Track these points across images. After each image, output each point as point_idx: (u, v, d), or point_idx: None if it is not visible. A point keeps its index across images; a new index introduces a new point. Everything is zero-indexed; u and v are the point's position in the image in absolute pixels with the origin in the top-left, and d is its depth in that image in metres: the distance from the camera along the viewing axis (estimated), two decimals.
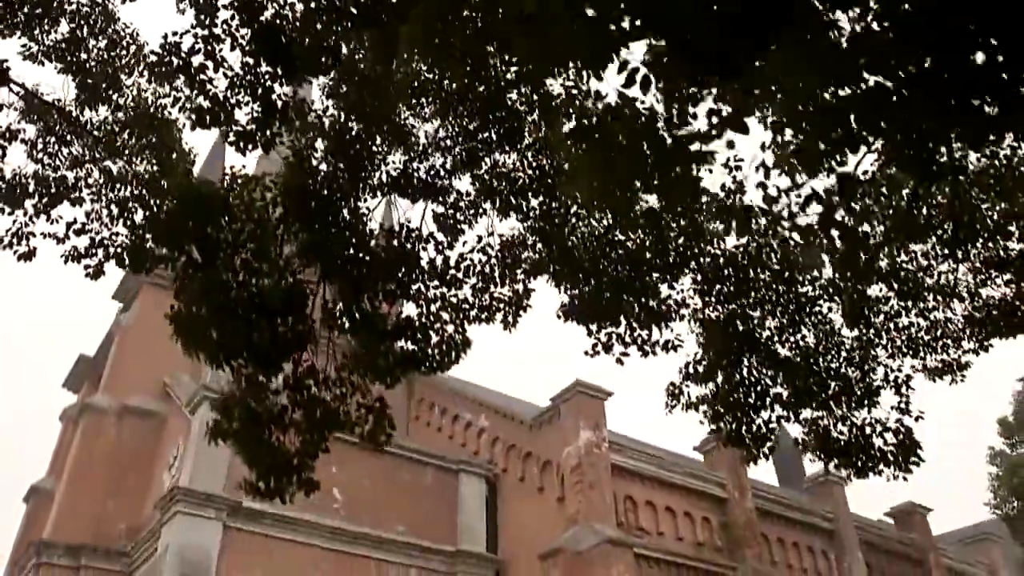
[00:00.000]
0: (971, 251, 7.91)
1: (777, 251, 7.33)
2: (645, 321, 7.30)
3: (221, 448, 20.35)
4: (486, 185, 7.45)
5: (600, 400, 23.42)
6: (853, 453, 7.59)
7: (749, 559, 23.80)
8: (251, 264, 6.41)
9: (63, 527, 22.74)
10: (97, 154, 7.04)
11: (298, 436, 6.71)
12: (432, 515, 23.27)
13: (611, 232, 7.42)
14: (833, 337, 7.70)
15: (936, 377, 8.11)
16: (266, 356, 6.32)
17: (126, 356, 26.15)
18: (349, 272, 6.63)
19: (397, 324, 6.90)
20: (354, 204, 6.91)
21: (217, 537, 19.37)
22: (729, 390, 7.39)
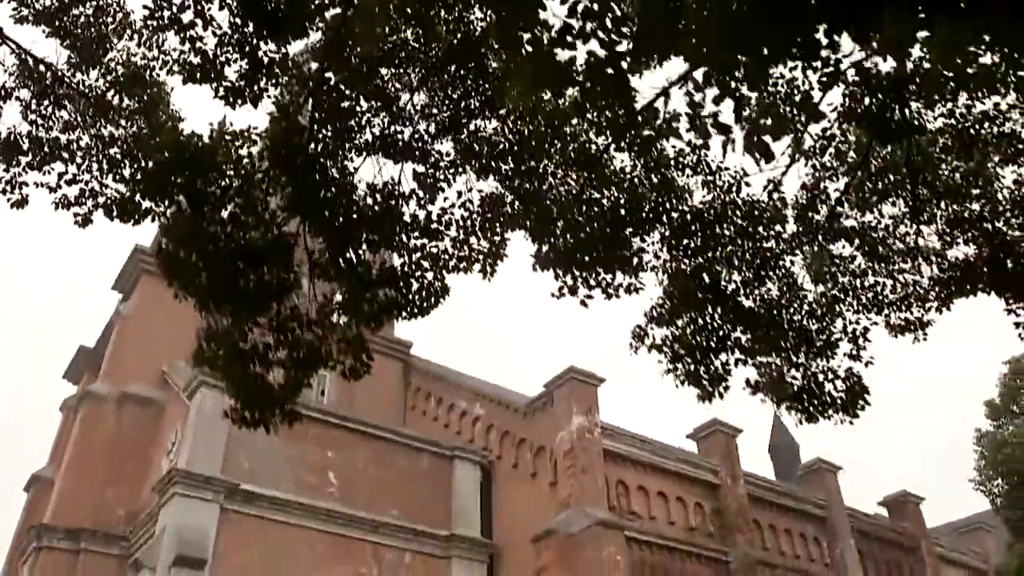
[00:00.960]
0: (937, 213, 8.21)
1: (743, 207, 7.66)
2: (622, 280, 7.62)
3: (219, 432, 20.86)
4: (467, 148, 7.76)
5: (593, 386, 23.71)
6: (805, 398, 7.90)
7: (741, 544, 24.08)
8: (238, 217, 6.74)
9: (63, 511, 23.03)
10: (88, 118, 7.34)
11: (282, 373, 6.99)
12: (427, 500, 23.55)
13: (586, 191, 7.73)
14: (797, 291, 8.00)
15: (899, 334, 8.39)
16: (251, 301, 6.66)
17: (125, 344, 26.45)
18: (334, 225, 6.95)
19: (381, 273, 7.23)
20: (340, 163, 7.23)
21: (214, 519, 19.65)
22: (690, 333, 7.71)
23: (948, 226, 7.94)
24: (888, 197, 7.76)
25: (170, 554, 18.48)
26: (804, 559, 26.46)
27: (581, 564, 20.27)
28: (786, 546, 26.29)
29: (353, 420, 23.87)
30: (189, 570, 18.51)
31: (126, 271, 28.65)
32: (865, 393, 7.95)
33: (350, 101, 7.16)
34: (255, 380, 6.88)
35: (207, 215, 6.60)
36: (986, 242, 7.82)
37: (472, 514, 23.99)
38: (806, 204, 7.63)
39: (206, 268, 6.55)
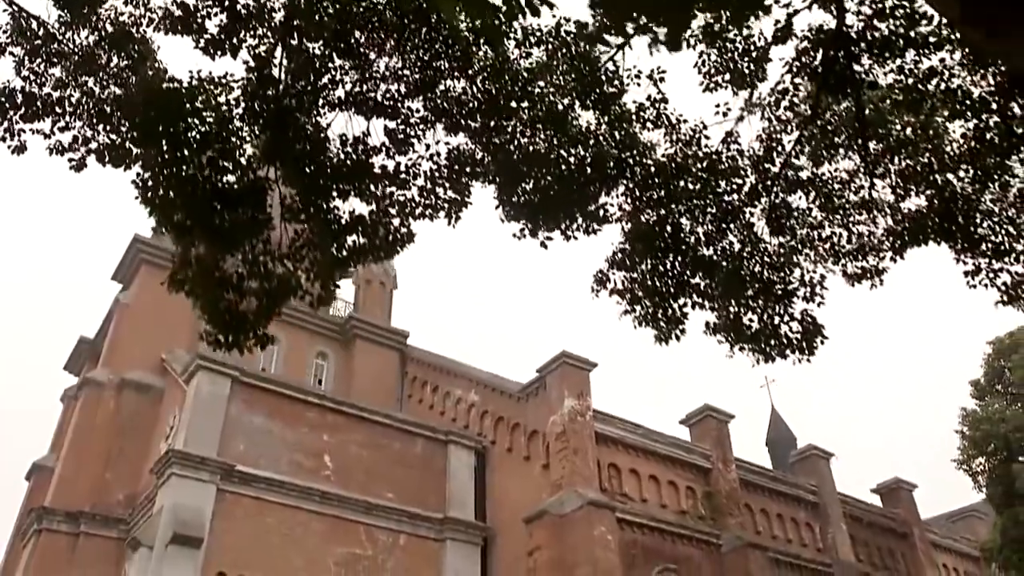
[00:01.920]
0: (891, 168, 8.52)
1: (703, 159, 7.97)
2: (582, 223, 7.95)
3: (216, 415, 21.22)
4: (437, 107, 8.09)
5: (585, 371, 24.02)
6: (762, 340, 8.20)
7: (732, 527, 24.36)
8: (216, 161, 7.10)
9: (63, 494, 23.39)
10: (79, 78, 7.69)
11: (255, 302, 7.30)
12: (421, 484, 23.88)
13: (553, 149, 8.05)
14: (757, 243, 8.29)
15: (855, 282, 8.68)
16: (226, 237, 7.00)
17: (125, 332, 26.83)
18: (306, 173, 7.31)
19: (350, 220, 7.58)
20: (312, 115, 7.57)
21: (211, 498, 19.98)
22: (650, 279, 8.02)
23: (901, 180, 8.25)
24: (840, 150, 8.07)
25: (167, 532, 18.82)
26: (796, 543, 26.73)
27: (572, 543, 20.57)
28: (778, 530, 26.55)
29: (348, 404, 24.22)
30: (185, 548, 18.84)
31: (125, 261, 29.04)
32: (820, 333, 8.27)
33: (322, 59, 7.51)
34: (229, 306, 7.20)
35: (187, 158, 6.96)
36: (937, 195, 8.12)
37: (466, 497, 24.32)
38: (762, 155, 7.95)
39: (184, 207, 6.91)
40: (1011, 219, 8.20)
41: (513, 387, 25.55)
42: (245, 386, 22.15)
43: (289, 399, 22.86)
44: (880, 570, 28.28)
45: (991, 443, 17.46)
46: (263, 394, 22.50)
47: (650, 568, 22.18)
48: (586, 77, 7.64)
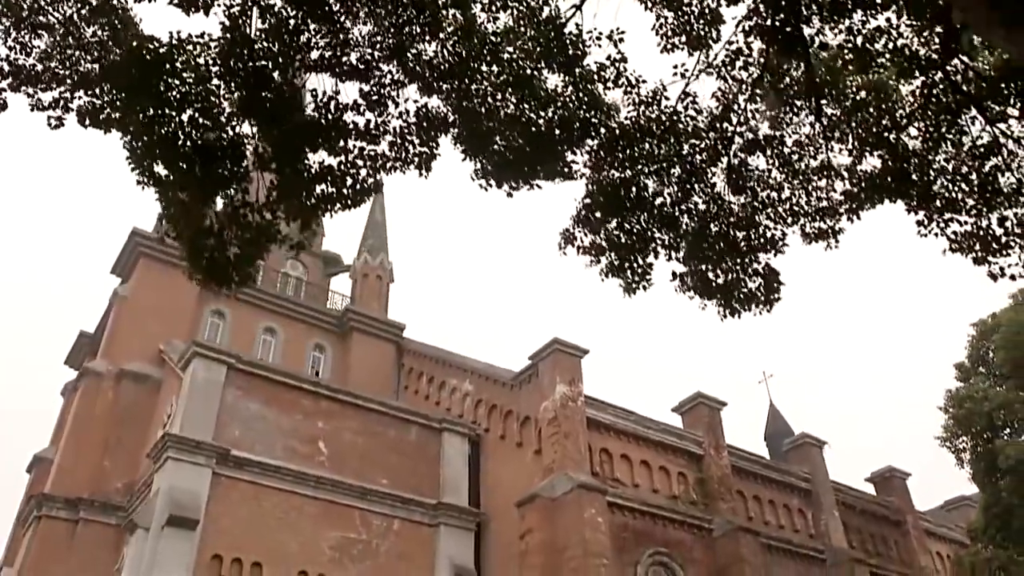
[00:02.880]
0: (849, 132, 8.81)
1: (664, 120, 8.28)
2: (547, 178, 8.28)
3: (211, 401, 21.55)
4: (410, 70, 8.42)
5: (577, 357, 24.31)
6: (728, 293, 8.49)
7: (723, 512, 24.61)
8: (196, 120, 7.44)
9: (62, 482, 23.74)
10: (65, 50, 8.02)
11: (237, 249, 7.61)
12: (416, 470, 24.18)
13: (522, 112, 8.36)
14: (722, 204, 8.59)
15: (813, 241, 8.98)
16: (206, 189, 7.34)
17: (123, 324, 27.21)
18: (281, 130, 7.64)
19: (319, 170, 7.93)
20: (287, 76, 7.91)
21: (206, 482, 20.30)
22: (616, 235, 8.32)
23: (857, 142, 8.53)
24: (796, 111, 8.37)
25: (163, 514, 19.14)
26: (789, 529, 26.95)
27: (563, 525, 20.86)
28: (770, 516, 26.78)
29: (343, 392, 24.55)
30: (181, 530, 19.15)
31: (124, 254, 29.42)
32: (778, 283, 8.57)
33: (295, 23, 7.84)
34: (213, 251, 7.52)
35: (169, 116, 7.30)
36: (891, 155, 8.40)
37: (460, 483, 24.61)
38: (719, 115, 8.26)
39: (166, 161, 7.24)
40: (964, 176, 8.50)
41: (506, 375, 25.85)
42: (240, 373, 22.49)
43: (284, 386, 23.19)
44: (873, 557, 28.46)
45: (974, 421, 17.71)
46: (258, 381, 22.83)
47: (641, 551, 22.43)
48: (551, 40, 7.97)
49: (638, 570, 22.00)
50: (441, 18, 8.19)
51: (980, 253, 8.20)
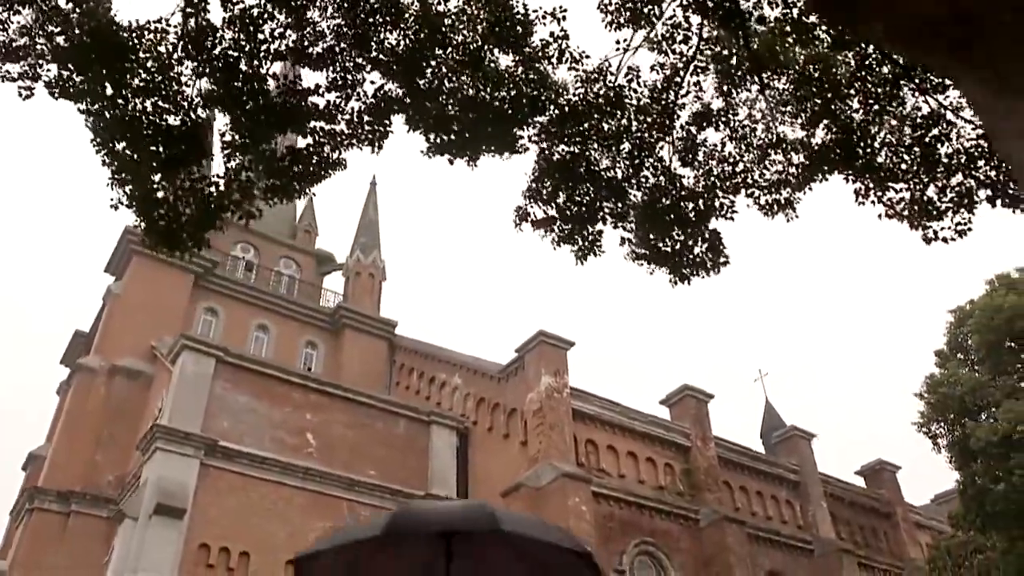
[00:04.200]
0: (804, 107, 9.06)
1: (611, 96, 8.54)
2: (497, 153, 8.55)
3: (200, 393, 21.78)
4: (373, 59, 8.72)
5: (562, 349, 24.56)
6: (677, 260, 8.72)
7: (710, 502, 24.81)
8: (160, 105, 7.72)
9: (55, 475, 24.03)
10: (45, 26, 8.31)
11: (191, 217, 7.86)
12: (404, 463, 24.43)
13: (476, 92, 8.64)
14: (672, 177, 8.83)
15: (770, 214, 9.21)
16: (167, 168, 7.61)
17: (116, 321, 27.52)
18: (248, 114, 7.92)
19: (286, 152, 8.23)
20: (252, 62, 8.18)
21: (194, 472, 20.57)
22: (568, 208, 8.56)
23: (807, 117, 8.77)
24: (739, 85, 8.62)
25: (151, 503, 19.40)
26: (776, 519, 27.12)
27: (547, 514, 21.00)
28: (758, 507, 26.96)
29: (332, 385, 24.82)
30: (169, 519, 19.41)
31: (117, 252, 29.75)
32: (722, 246, 8.80)
33: (259, 12, 8.13)
34: (169, 220, 7.76)
35: (130, 100, 7.58)
36: (837, 127, 8.64)
37: (448, 475, 24.85)
38: (662, 88, 8.51)
39: (128, 142, 7.51)
40: (907, 147, 8.74)
41: (494, 368, 26.10)
42: (229, 366, 22.77)
43: (273, 379, 23.46)
44: (862, 548, 28.63)
45: (948, 406, 17.89)
46: (247, 374, 23.11)
47: (627, 540, 22.63)
48: (500, 19, 8.24)
49: (624, 559, 22.20)
50: (403, 7, 8.49)
51: (916, 219, 8.45)
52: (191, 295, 29.73)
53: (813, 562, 26.46)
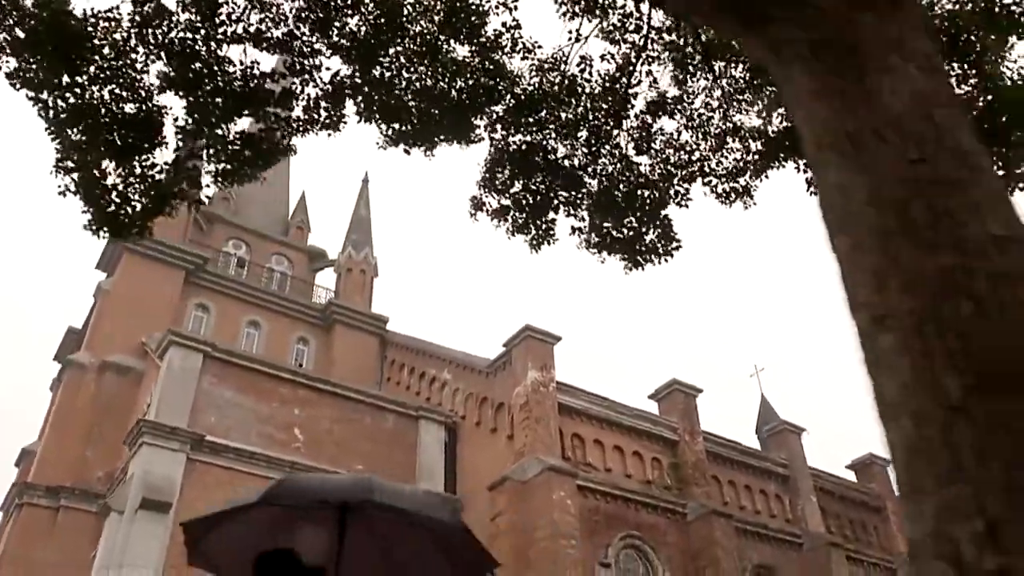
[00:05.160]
0: (757, 97, 9.12)
1: (565, 84, 8.61)
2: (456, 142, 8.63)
3: (187, 388, 21.86)
4: (334, 44, 8.80)
5: (549, 344, 24.64)
6: (631, 246, 8.78)
7: (698, 496, 24.87)
8: (116, 93, 7.81)
9: (44, 470, 24.16)
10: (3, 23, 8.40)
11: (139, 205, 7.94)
12: (392, 457, 24.50)
13: (435, 83, 8.71)
14: (629, 165, 8.89)
15: (727, 202, 9.26)
16: (120, 155, 7.69)
17: (106, 317, 27.64)
18: (205, 99, 8.00)
19: (239, 137, 8.29)
20: (210, 47, 8.27)
21: (180, 467, 20.67)
22: (522, 197, 8.63)
23: (764, 105, 8.85)
24: (693, 74, 8.68)
25: (137, 498, 19.50)
26: (765, 513, 27.18)
27: (533, 507, 21.17)
28: (746, 501, 27.02)
29: (319, 380, 24.92)
30: (155, 513, 19.50)
31: (108, 250, 29.84)
32: (673, 232, 8.87)
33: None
34: (115, 208, 7.83)
35: (86, 88, 7.67)
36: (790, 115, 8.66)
37: (436, 470, 24.94)
38: (615, 76, 8.58)
39: (85, 133, 7.59)
40: None
41: (482, 363, 26.19)
42: (217, 361, 22.86)
43: (261, 374, 23.55)
44: (851, 542, 28.67)
45: None
46: (235, 369, 23.20)
47: (613, 534, 22.71)
48: (455, 9, 8.32)
49: (609, 552, 22.30)
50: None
51: None
52: (182, 291, 29.83)
53: (802, 556, 26.52)
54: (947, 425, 1.67)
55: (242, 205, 35.80)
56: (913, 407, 1.75)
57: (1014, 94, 7.47)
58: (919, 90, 2.33)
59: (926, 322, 1.83)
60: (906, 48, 2.47)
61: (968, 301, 1.79)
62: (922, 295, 1.88)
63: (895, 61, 2.43)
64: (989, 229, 1.90)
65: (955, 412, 1.67)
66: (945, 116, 2.23)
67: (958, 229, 1.93)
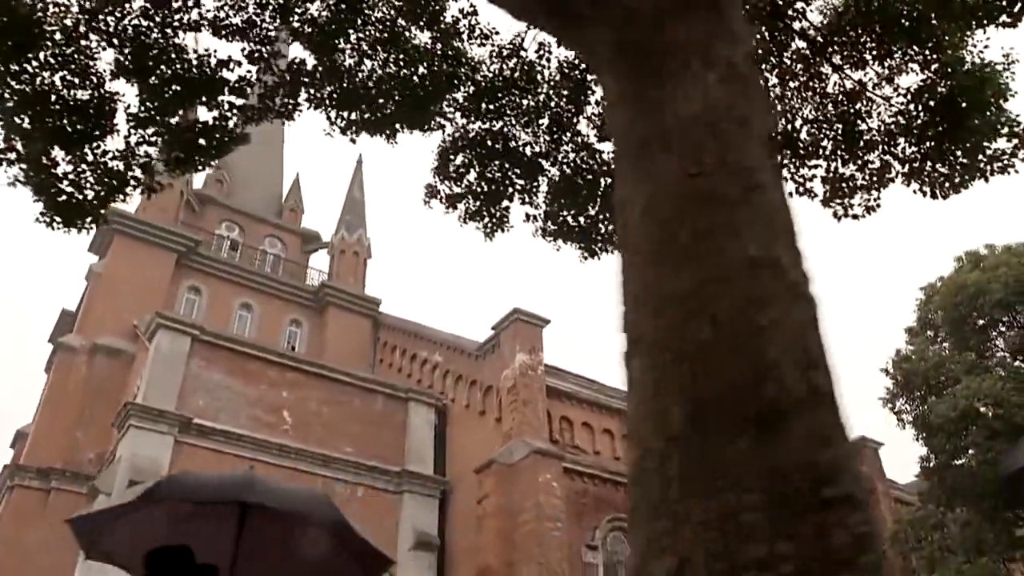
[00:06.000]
0: None
1: (524, 72, 8.54)
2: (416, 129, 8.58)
3: (175, 371, 21.91)
4: (294, 30, 8.74)
5: (537, 327, 24.62)
6: (588, 235, 8.76)
7: None
8: (67, 79, 7.77)
9: (36, 452, 24.31)
10: None
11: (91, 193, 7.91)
12: (381, 439, 24.59)
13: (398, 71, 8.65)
14: (592, 153, 8.85)
15: None
16: (71, 143, 7.66)
17: (97, 300, 27.69)
18: (159, 87, 7.96)
19: (193, 125, 8.25)
20: (168, 36, 8.21)
21: (168, 450, 20.77)
22: (477, 185, 8.59)
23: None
24: None
25: (124, 480, 19.62)
26: None
27: (518, 490, 21.24)
28: None
29: (308, 363, 24.97)
30: None
31: (100, 232, 29.79)
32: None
33: None
34: (67, 197, 7.80)
35: (37, 74, 7.63)
36: None
37: (425, 452, 25.04)
38: (572, 62, 8.49)
39: (34, 120, 7.56)
40: (830, 123, 8.73)
41: (472, 346, 26.21)
42: (205, 344, 22.91)
43: (249, 357, 23.60)
44: None
45: (912, 382, 17.92)
46: (223, 352, 23.25)
47: (601, 516, 22.78)
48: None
49: (596, 534, 22.39)
50: None
51: (827, 195, 8.46)
52: (174, 274, 29.85)
53: None
54: (664, 456, 1.63)
55: (235, 187, 35.75)
56: (642, 435, 1.71)
57: (972, 80, 7.39)
58: (713, 99, 2.24)
59: (668, 347, 1.78)
60: (711, 54, 2.37)
61: (708, 326, 1.73)
62: (670, 318, 1.82)
63: (696, 68, 2.33)
64: (746, 251, 1.83)
65: (673, 443, 1.63)
66: (733, 128, 2.15)
67: (715, 250, 1.85)
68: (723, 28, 2.48)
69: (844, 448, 1.72)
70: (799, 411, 1.62)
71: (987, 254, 18.38)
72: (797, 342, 1.72)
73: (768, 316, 1.71)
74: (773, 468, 1.53)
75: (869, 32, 8.11)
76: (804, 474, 1.54)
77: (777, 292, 1.76)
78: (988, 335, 18.06)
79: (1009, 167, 7.61)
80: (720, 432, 1.60)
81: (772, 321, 1.70)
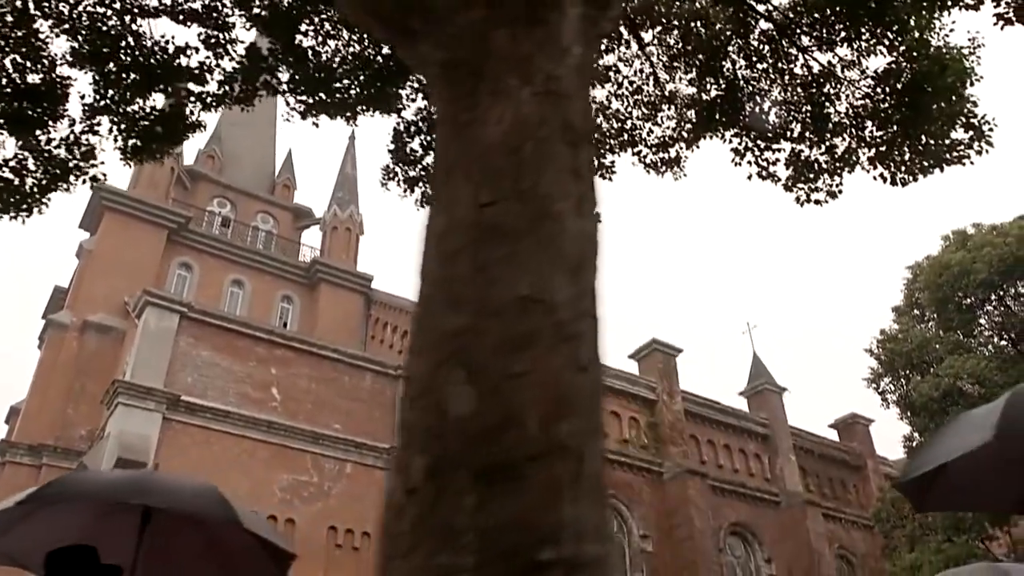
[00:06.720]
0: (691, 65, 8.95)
1: None
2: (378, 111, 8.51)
3: (163, 348, 21.90)
4: (253, 16, 8.63)
5: None
6: None
7: (675, 455, 25.09)
8: (18, 62, 7.70)
9: (27, 429, 24.44)
10: None
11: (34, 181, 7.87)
12: (370, 416, 24.67)
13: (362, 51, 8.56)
14: None
15: (656, 172, 9.15)
16: (21, 128, 7.61)
17: (88, 276, 27.69)
18: (115, 73, 7.88)
19: (150, 113, 8.18)
20: (125, 21, 8.11)
21: (156, 427, 20.86)
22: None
23: (697, 74, 8.68)
24: (618, 42, 8.50)
25: (112, 457, 19.71)
26: (744, 472, 27.40)
27: None
28: (724, 460, 27.23)
29: (297, 339, 24.99)
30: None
31: (90, 208, 29.77)
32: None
33: None
34: (8, 183, 7.76)
35: None
36: (725, 84, 8.54)
37: None
38: None
39: None
40: (798, 106, 8.64)
41: None
42: (194, 321, 22.92)
43: (238, 334, 23.61)
44: (830, 500, 28.96)
45: (896, 361, 17.93)
46: (212, 329, 23.26)
47: None
48: None
49: None
50: None
51: (790, 180, 8.39)
52: (165, 250, 29.83)
53: (779, 513, 26.81)
54: (400, 510, 1.58)
55: (227, 163, 35.59)
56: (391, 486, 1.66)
57: (935, 64, 7.29)
58: (522, 118, 2.14)
59: (425, 391, 1.73)
60: (530, 69, 2.26)
61: (461, 370, 1.66)
62: (431, 359, 1.77)
63: (512, 84, 2.21)
64: (516, 289, 1.77)
65: (410, 495, 1.58)
66: (535, 150, 2.05)
67: (488, 286, 1.78)
68: (549, 40, 2.37)
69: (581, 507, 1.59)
70: (535, 466, 1.56)
71: (974, 233, 18.29)
72: (548, 391, 1.65)
73: (523, 361, 1.65)
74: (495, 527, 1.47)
75: (836, 13, 7.99)
76: (523, 534, 1.48)
77: (541, 333, 1.70)
78: (973, 314, 18.03)
79: (964, 158, 7.53)
80: (452, 486, 1.54)
81: (526, 367, 1.65)
